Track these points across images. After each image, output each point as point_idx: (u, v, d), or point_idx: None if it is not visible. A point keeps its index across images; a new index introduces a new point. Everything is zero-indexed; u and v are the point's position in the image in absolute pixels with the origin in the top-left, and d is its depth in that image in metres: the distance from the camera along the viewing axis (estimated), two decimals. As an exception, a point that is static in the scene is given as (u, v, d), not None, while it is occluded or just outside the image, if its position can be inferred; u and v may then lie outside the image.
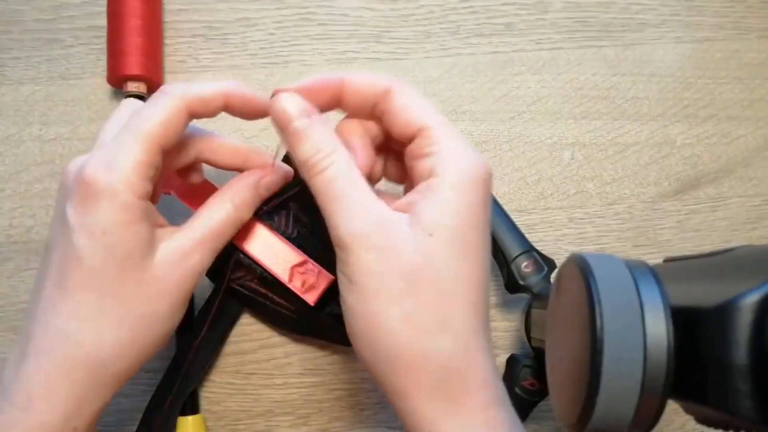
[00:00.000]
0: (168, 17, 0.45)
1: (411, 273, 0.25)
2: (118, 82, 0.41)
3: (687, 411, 0.24)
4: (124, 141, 0.27)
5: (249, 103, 0.30)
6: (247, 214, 0.32)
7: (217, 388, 0.40)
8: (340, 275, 0.27)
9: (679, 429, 0.40)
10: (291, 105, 0.28)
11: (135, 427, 0.39)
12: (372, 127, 0.30)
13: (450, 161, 0.27)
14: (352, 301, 0.26)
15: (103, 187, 0.26)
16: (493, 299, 0.42)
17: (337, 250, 0.27)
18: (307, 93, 0.28)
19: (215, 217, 0.30)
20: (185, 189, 0.35)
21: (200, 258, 0.29)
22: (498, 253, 0.38)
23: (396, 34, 0.45)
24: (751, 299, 0.20)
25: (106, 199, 0.27)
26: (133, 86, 0.41)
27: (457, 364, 0.26)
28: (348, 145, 0.28)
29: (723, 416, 0.21)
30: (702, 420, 0.23)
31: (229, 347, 0.40)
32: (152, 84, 0.42)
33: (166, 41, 0.44)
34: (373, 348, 0.26)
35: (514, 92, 0.44)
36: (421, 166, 0.28)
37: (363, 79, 0.29)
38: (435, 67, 0.45)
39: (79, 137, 0.43)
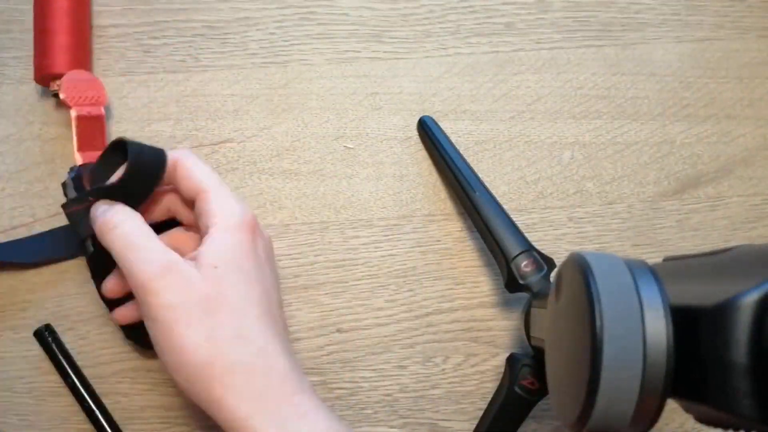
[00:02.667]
0: (168, 16, 0.45)
1: (206, 299, 0.31)
2: (45, 81, 0.41)
3: (686, 410, 0.24)
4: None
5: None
6: None
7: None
8: (144, 319, 0.32)
9: (679, 428, 0.40)
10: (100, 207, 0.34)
11: (135, 427, 0.39)
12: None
13: (221, 213, 0.33)
14: (158, 337, 0.31)
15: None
16: (493, 298, 0.42)
17: (138, 295, 0.31)
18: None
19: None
20: None
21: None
22: (498, 252, 0.38)
23: (396, 33, 0.45)
24: (751, 298, 0.20)
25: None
26: (60, 84, 0.41)
27: (259, 367, 0.31)
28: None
29: (722, 415, 0.21)
30: (701, 419, 0.23)
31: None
32: None
33: (166, 41, 0.44)
34: (185, 371, 0.31)
35: (514, 92, 0.45)
36: (202, 222, 0.34)
37: None
38: (435, 67, 0.45)
39: (79, 136, 0.43)
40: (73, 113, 0.39)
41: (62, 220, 0.41)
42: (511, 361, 0.37)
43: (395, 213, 0.43)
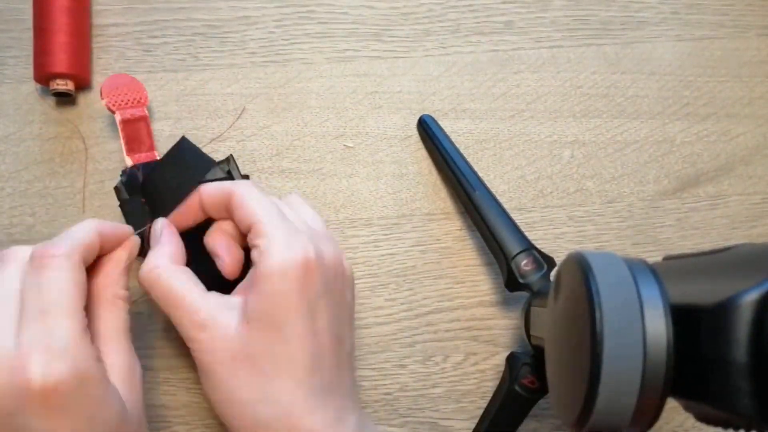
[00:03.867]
0: (168, 16, 0.45)
1: (233, 360, 0.30)
2: (44, 80, 0.41)
3: (686, 409, 0.24)
4: (53, 325, 0.27)
5: (117, 235, 0.33)
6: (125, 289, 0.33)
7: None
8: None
9: (679, 427, 0.40)
10: (152, 233, 0.35)
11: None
12: (230, 227, 0.35)
13: (266, 254, 0.30)
14: (200, 378, 0.32)
15: (69, 385, 0.26)
16: (492, 297, 0.42)
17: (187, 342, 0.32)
18: (182, 216, 0.35)
19: (118, 322, 0.32)
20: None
21: (138, 367, 0.32)
22: (498, 251, 0.38)
23: (396, 32, 0.45)
24: (751, 297, 0.20)
25: (76, 393, 0.27)
26: (60, 84, 0.41)
27: (281, 425, 0.30)
28: (214, 253, 0.34)
29: (722, 414, 0.21)
30: (701, 418, 0.23)
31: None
32: (80, 81, 0.42)
33: (166, 40, 0.44)
34: (220, 415, 0.32)
35: (514, 90, 0.44)
36: (253, 254, 0.32)
37: (214, 190, 0.34)
38: (435, 66, 0.45)
39: (79, 136, 0.43)
40: (118, 118, 0.39)
41: (63, 222, 0.41)
42: (511, 359, 0.37)
43: (395, 212, 0.43)
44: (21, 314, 0.27)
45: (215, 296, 0.32)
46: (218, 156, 0.40)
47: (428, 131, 0.43)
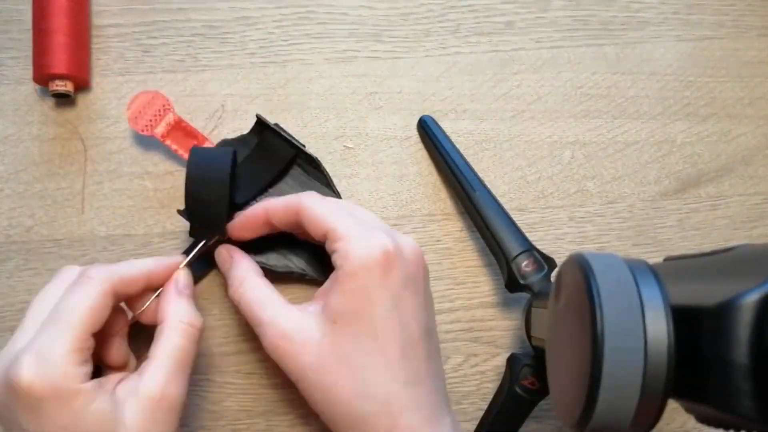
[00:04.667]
0: (167, 16, 0.45)
1: (323, 360, 0.31)
2: (44, 81, 0.41)
3: (687, 410, 0.24)
4: (53, 336, 0.29)
5: (169, 276, 0.35)
6: (194, 330, 0.34)
7: (217, 388, 0.40)
8: None
9: (680, 428, 0.40)
10: (218, 256, 0.37)
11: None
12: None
13: (346, 253, 0.31)
14: (296, 385, 0.33)
15: (46, 393, 0.28)
16: (493, 298, 0.41)
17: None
18: (241, 232, 0.36)
19: (174, 351, 0.32)
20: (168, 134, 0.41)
21: (177, 389, 0.31)
22: (498, 252, 0.38)
23: (395, 32, 0.45)
24: (752, 298, 0.20)
25: (52, 401, 0.28)
26: (59, 85, 0.41)
27: (381, 422, 0.30)
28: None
29: (723, 415, 0.21)
30: (702, 419, 0.23)
31: (228, 347, 0.40)
32: (79, 82, 0.42)
33: (165, 41, 0.44)
34: (321, 415, 0.32)
35: (514, 91, 0.44)
36: (332, 261, 0.32)
37: (279, 205, 0.35)
38: (435, 66, 0.45)
39: (78, 137, 0.43)
40: (158, 136, 0.40)
41: (62, 224, 0.41)
42: (512, 361, 0.37)
43: (395, 213, 0.42)
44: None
45: (294, 307, 0.33)
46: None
47: (428, 132, 0.43)
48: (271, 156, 0.40)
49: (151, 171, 0.42)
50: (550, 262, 0.37)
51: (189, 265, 0.36)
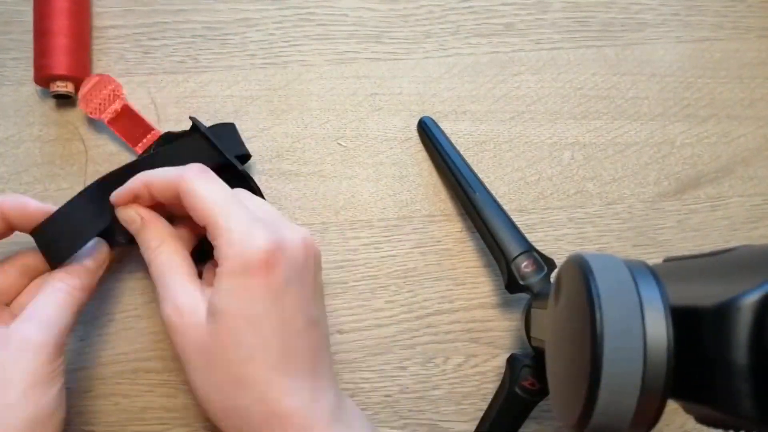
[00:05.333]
0: (167, 18, 0.45)
1: (205, 350, 0.31)
2: (44, 82, 0.41)
3: (687, 411, 0.24)
4: None
5: (26, 214, 0.34)
6: (85, 293, 0.34)
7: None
8: None
9: (679, 428, 0.40)
10: (124, 215, 0.35)
11: (135, 428, 0.39)
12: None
13: (226, 254, 0.30)
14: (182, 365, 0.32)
15: None
16: (493, 299, 0.42)
17: None
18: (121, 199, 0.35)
19: (55, 310, 0.32)
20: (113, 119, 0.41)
21: (54, 349, 0.31)
22: (498, 253, 0.38)
23: (396, 34, 0.45)
24: (751, 299, 0.20)
25: None
26: (60, 86, 0.41)
27: (255, 412, 0.30)
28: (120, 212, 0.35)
29: (723, 416, 0.21)
30: (702, 420, 0.23)
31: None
32: (80, 83, 0.42)
33: (166, 42, 0.44)
34: (199, 400, 0.32)
35: (514, 92, 0.44)
36: (215, 252, 0.31)
37: (161, 179, 0.33)
38: (435, 67, 0.45)
39: (79, 138, 0.43)
40: (105, 120, 0.40)
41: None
42: (512, 361, 0.37)
43: (395, 214, 0.42)
44: None
45: (200, 285, 0.33)
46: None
47: (428, 133, 0.43)
48: (196, 158, 0.37)
49: (152, 172, 0.43)
50: (549, 263, 0.37)
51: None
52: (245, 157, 0.41)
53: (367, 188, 0.43)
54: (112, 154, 0.43)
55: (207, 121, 0.43)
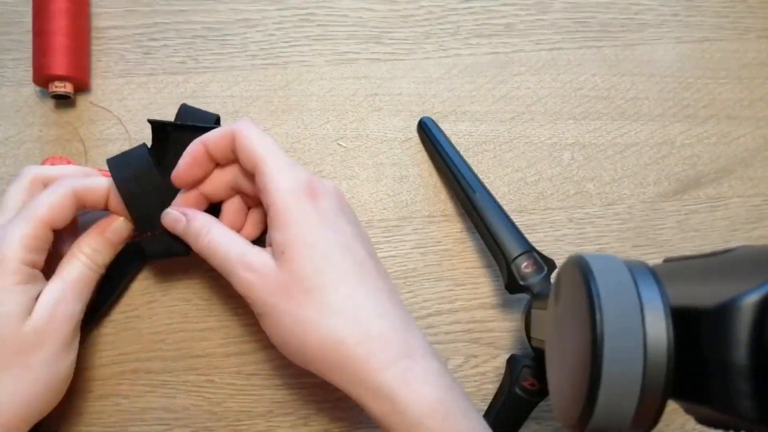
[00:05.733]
0: (168, 18, 0.45)
1: (286, 290, 0.31)
2: (43, 82, 0.41)
3: (687, 411, 0.24)
4: (16, 222, 0.33)
5: (98, 196, 0.36)
6: (102, 260, 0.36)
7: (218, 389, 0.40)
8: None
9: (679, 429, 0.40)
10: (167, 219, 0.36)
11: (136, 428, 0.39)
12: (230, 176, 0.36)
13: (276, 190, 0.32)
14: (264, 325, 0.33)
15: None
16: (493, 299, 0.42)
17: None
18: (190, 170, 0.35)
19: (73, 271, 0.35)
20: None
21: (71, 305, 0.34)
22: (498, 253, 0.38)
23: (396, 34, 0.45)
24: (751, 299, 0.20)
25: None
26: (59, 86, 0.41)
27: (352, 338, 0.30)
28: (180, 163, 0.35)
29: (723, 416, 0.21)
30: (702, 420, 0.23)
31: (229, 348, 0.40)
32: (78, 83, 0.42)
33: (166, 42, 0.44)
34: (291, 353, 0.33)
35: (514, 93, 0.45)
36: (263, 198, 0.33)
37: (216, 135, 0.35)
38: (435, 68, 0.45)
39: (79, 138, 0.43)
40: None
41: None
42: (512, 362, 0.37)
43: (395, 214, 0.42)
44: None
45: (250, 245, 0.34)
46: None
47: (428, 133, 0.43)
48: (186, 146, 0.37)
49: (152, 172, 0.43)
50: (549, 264, 0.37)
51: (132, 221, 0.37)
52: (217, 121, 0.41)
53: (367, 189, 0.43)
54: (112, 155, 0.43)
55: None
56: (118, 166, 0.36)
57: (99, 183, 0.36)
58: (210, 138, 0.35)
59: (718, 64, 0.45)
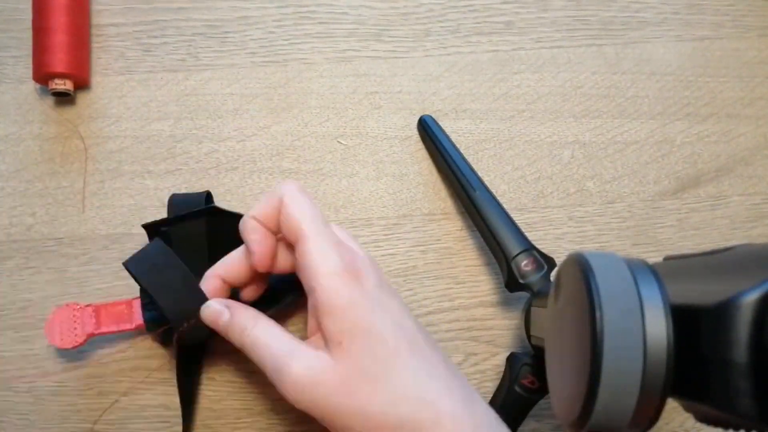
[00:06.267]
0: (168, 15, 0.45)
1: (347, 382, 0.30)
2: (43, 80, 0.41)
3: (687, 409, 0.24)
4: None
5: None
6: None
7: (219, 386, 0.40)
8: None
9: (679, 427, 0.40)
10: (209, 312, 0.34)
11: (135, 426, 0.39)
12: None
13: (321, 272, 0.30)
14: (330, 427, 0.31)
15: None
16: (493, 297, 0.42)
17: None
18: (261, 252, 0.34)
19: None
20: None
21: None
22: (498, 251, 0.38)
23: (396, 32, 0.45)
24: (751, 297, 0.20)
25: None
26: (59, 83, 0.41)
27: (423, 417, 0.29)
28: (249, 246, 0.33)
29: (723, 414, 0.21)
30: (702, 418, 0.23)
31: (230, 345, 0.40)
32: (78, 81, 0.42)
33: (166, 40, 0.44)
34: None
35: (514, 91, 0.44)
36: (303, 276, 0.32)
37: (264, 205, 0.33)
38: (435, 66, 0.45)
39: (78, 136, 0.43)
40: (95, 334, 0.38)
41: (62, 222, 0.41)
42: (512, 360, 0.37)
43: (395, 212, 0.42)
44: None
45: (303, 343, 0.32)
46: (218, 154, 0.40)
47: (428, 131, 0.43)
48: (189, 238, 0.38)
49: (152, 170, 0.43)
50: (549, 262, 0.37)
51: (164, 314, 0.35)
52: (208, 196, 0.41)
53: (366, 186, 0.43)
54: (112, 152, 0.43)
55: (207, 118, 0.43)
56: (138, 264, 0.35)
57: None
58: (260, 211, 0.33)
59: (719, 62, 0.45)
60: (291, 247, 0.33)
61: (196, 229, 0.38)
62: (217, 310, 0.34)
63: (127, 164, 0.43)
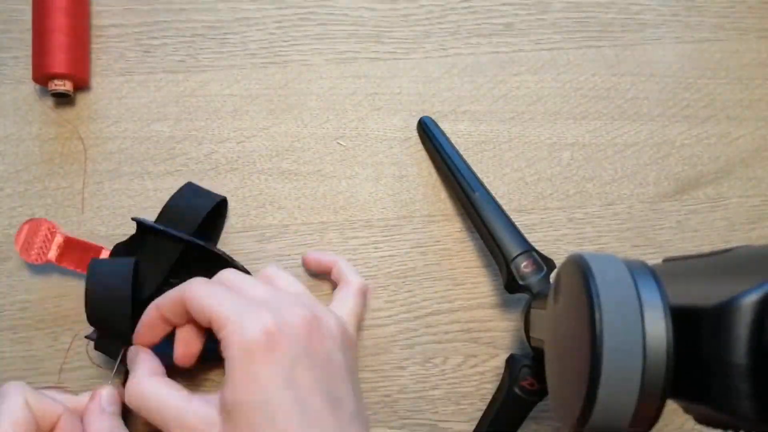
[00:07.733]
0: (168, 17, 0.45)
1: None
2: (43, 80, 0.41)
3: (686, 411, 0.24)
4: None
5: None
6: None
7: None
8: None
9: (679, 429, 0.40)
10: (129, 353, 0.35)
11: (135, 427, 0.39)
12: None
13: (227, 342, 0.30)
14: None
15: None
16: (492, 299, 0.42)
17: None
18: (146, 335, 0.35)
19: None
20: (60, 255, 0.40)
21: None
22: (497, 253, 0.38)
23: (396, 34, 0.45)
24: (750, 299, 0.20)
25: None
26: (58, 84, 0.41)
27: None
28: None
29: (722, 416, 0.21)
30: (701, 420, 0.23)
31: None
32: (78, 82, 0.42)
33: (166, 41, 0.44)
34: None
35: (514, 92, 0.45)
36: (221, 348, 0.31)
37: (168, 300, 0.34)
38: (435, 67, 0.45)
39: (78, 137, 0.43)
40: (53, 260, 0.39)
41: (62, 223, 0.41)
42: (511, 361, 0.37)
43: (394, 213, 0.42)
44: None
45: (198, 399, 0.32)
46: (222, 161, 0.40)
47: (428, 133, 0.43)
48: (162, 253, 0.39)
49: (151, 171, 0.43)
50: (549, 263, 0.37)
51: (120, 377, 0.36)
52: (223, 202, 0.41)
53: (366, 188, 0.43)
54: (112, 153, 0.43)
55: (206, 119, 0.43)
56: (97, 278, 0.36)
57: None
58: (162, 304, 0.34)
59: (718, 64, 0.45)
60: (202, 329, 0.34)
61: (172, 249, 0.39)
62: (130, 358, 0.35)
63: (127, 165, 0.43)
